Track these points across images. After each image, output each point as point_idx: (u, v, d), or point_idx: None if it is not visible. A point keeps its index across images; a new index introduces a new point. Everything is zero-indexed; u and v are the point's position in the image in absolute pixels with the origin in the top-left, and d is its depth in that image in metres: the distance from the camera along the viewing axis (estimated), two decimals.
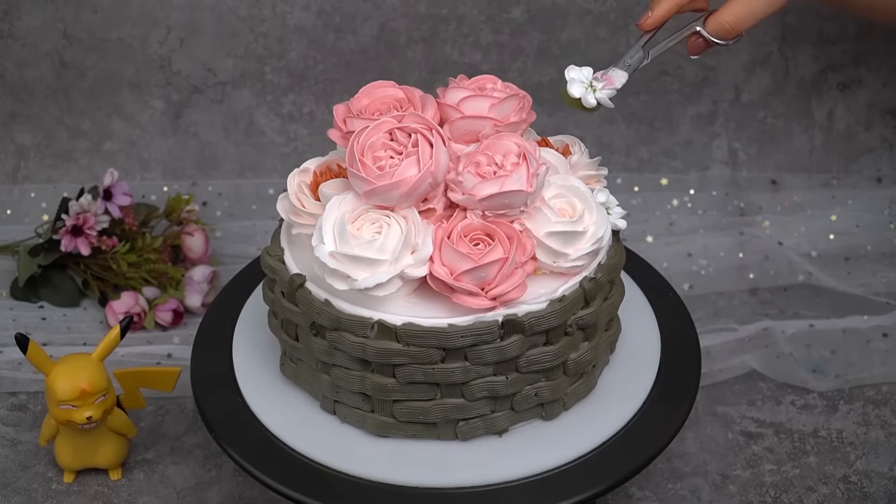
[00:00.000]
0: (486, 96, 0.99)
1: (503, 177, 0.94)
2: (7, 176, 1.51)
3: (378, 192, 0.94)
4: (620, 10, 1.45)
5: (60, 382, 1.08)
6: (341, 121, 1.00)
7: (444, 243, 0.94)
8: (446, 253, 0.93)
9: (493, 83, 1.02)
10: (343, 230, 0.93)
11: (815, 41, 1.46)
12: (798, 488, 1.15)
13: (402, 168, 0.93)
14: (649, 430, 1.01)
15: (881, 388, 1.26)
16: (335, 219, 0.94)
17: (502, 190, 0.94)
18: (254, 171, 1.52)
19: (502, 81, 1.03)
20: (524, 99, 1.01)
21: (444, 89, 1.02)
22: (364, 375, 0.97)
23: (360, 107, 1.00)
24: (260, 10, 1.45)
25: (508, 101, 1.00)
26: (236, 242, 1.46)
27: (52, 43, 1.46)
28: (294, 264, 0.99)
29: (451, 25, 1.45)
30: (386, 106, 1.00)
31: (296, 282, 0.97)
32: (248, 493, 1.15)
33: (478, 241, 0.94)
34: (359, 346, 0.95)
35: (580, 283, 0.96)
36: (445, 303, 0.94)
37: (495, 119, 0.99)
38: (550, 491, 0.96)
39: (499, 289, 0.93)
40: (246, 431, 1.02)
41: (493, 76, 1.03)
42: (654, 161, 1.51)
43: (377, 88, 1.01)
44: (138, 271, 1.36)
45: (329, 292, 0.96)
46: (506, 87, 1.02)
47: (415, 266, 0.94)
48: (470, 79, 1.03)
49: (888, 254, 1.43)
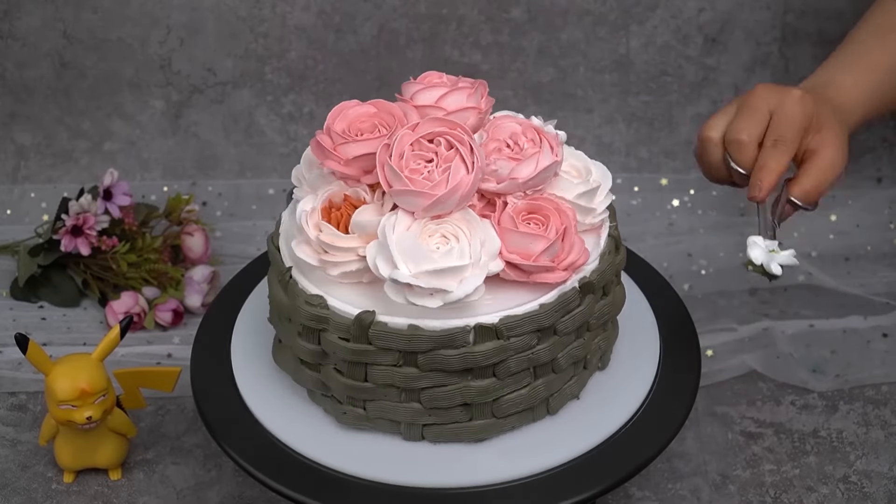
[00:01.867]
0: (460, 89, 1.00)
1: (534, 154, 0.96)
2: (7, 176, 1.51)
3: (440, 201, 0.92)
4: (620, 10, 1.45)
5: (60, 382, 1.08)
6: (334, 149, 0.96)
7: (505, 232, 0.94)
8: (512, 240, 0.94)
9: (439, 77, 1.03)
10: (416, 249, 0.91)
11: (815, 41, 1.46)
12: (798, 488, 1.15)
13: (453, 172, 0.93)
14: (649, 430, 1.01)
15: (881, 388, 1.26)
16: (399, 241, 0.92)
17: (539, 167, 0.96)
18: (254, 171, 1.52)
19: (447, 75, 1.03)
20: (483, 85, 1.02)
21: (407, 93, 1.01)
22: (466, 384, 0.96)
23: (341, 131, 0.97)
24: (260, 10, 1.45)
25: (478, 89, 1.01)
26: (236, 242, 1.46)
27: (52, 43, 1.46)
28: (346, 305, 0.96)
29: (451, 25, 1.45)
30: (367, 124, 0.97)
31: (365, 320, 0.94)
32: (248, 493, 1.15)
33: (531, 221, 0.95)
34: (460, 358, 0.94)
35: (609, 233, 1.02)
36: (506, 290, 0.95)
37: (477, 108, 1.00)
38: (550, 491, 0.96)
39: (570, 258, 0.95)
40: (246, 431, 1.02)
41: (436, 72, 1.03)
42: (654, 161, 1.51)
43: (347, 110, 0.98)
44: (138, 271, 1.36)
45: (408, 316, 0.94)
46: (458, 79, 1.03)
47: (491, 261, 0.94)
48: (418, 79, 1.03)
49: (888, 254, 1.43)
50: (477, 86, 1.01)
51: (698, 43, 1.47)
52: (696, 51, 1.47)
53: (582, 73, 1.48)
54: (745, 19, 1.45)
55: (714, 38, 1.46)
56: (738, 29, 1.46)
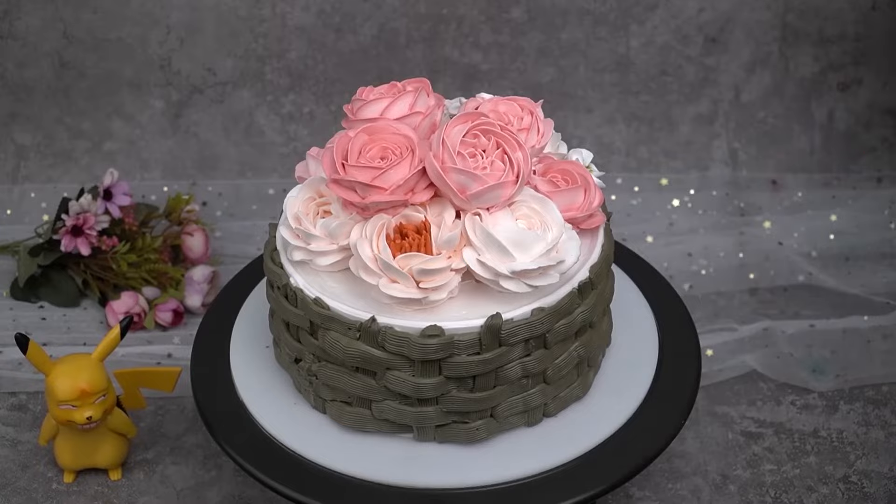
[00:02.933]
0: (402, 96, 1.00)
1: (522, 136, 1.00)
2: (7, 176, 1.51)
3: (515, 186, 0.95)
4: (620, 10, 1.45)
5: (60, 382, 1.08)
6: (372, 182, 0.94)
7: (552, 195, 0.98)
8: (559, 200, 0.98)
9: (375, 90, 1.02)
10: (524, 236, 0.94)
11: (815, 41, 1.46)
12: (798, 488, 1.15)
13: (511, 156, 0.95)
14: (649, 430, 1.01)
15: (881, 388, 1.26)
16: (507, 236, 0.94)
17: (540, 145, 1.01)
18: (254, 171, 1.52)
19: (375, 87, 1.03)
20: (425, 84, 1.02)
21: (352, 114, 1.01)
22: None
23: (368, 164, 0.95)
24: (260, 10, 1.45)
25: (420, 92, 1.01)
26: (236, 242, 1.46)
27: (52, 43, 1.46)
28: (464, 321, 0.95)
29: (451, 25, 1.45)
30: (376, 149, 0.96)
31: (495, 325, 0.94)
32: (248, 493, 1.15)
33: (559, 181, 1.00)
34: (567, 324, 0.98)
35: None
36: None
37: (422, 112, 1.00)
38: (550, 491, 0.96)
39: (596, 201, 1.00)
40: (246, 431, 1.02)
41: (370, 87, 1.02)
42: (654, 161, 1.51)
43: (341, 149, 0.96)
44: (138, 271, 1.36)
45: (529, 302, 0.95)
46: (396, 86, 1.02)
47: (564, 224, 0.98)
48: (355, 95, 1.02)
49: (888, 254, 1.43)
50: (419, 88, 1.00)
51: (698, 43, 1.47)
52: (696, 51, 1.47)
53: (582, 73, 1.48)
54: (745, 19, 1.45)
55: (714, 38, 1.46)
56: (738, 29, 1.46)
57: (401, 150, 0.96)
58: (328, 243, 0.97)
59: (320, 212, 0.99)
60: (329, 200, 0.99)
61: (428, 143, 0.97)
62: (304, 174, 1.03)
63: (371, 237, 0.95)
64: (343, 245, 0.96)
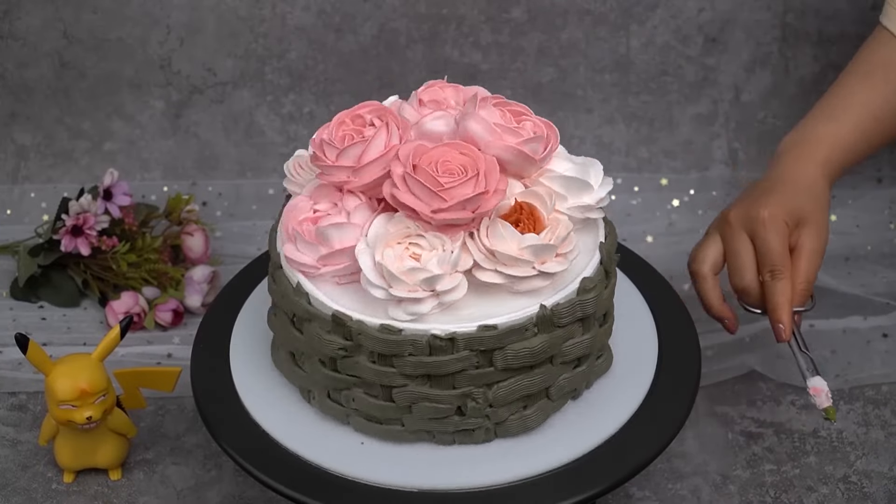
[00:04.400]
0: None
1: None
2: (7, 176, 1.51)
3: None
4: (620, 10, 1.45)
5: (60, 382, 1.08)
6: (441, 194, 0.94)
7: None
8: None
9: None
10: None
11: (815, 41, 1.46)
12: (798, 488, 1.15)
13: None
14: (649, 430, 1.01)
15: (881, 388, 1.26)
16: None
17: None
18: (254, 171, 1.52)
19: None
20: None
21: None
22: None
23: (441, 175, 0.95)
24: (260, 10, 1.45)
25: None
26: (236, 242, 1.46)
27: (52, 43, 1.46)
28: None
29: (451, 25, 1.45)
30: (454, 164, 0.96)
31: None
32: (248, 493, 1.15)
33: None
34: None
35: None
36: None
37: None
38: (550, 491, 0.96)
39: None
40: (246, 432, 1.02)
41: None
42: (654, 161, 1.51)
43: (426, 155, 0.96)
44: (138, 271, 1.36)
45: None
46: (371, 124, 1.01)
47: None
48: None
49: (888, 254, 1.43)
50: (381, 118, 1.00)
51: (698, 43, 1.47)
52: (696, 51, 1.47)
53: (582, 73, 1.48)
54: (745, 19, 1.45)
55: (714, 38, 1.46)
56: (738, 29, 1.46)
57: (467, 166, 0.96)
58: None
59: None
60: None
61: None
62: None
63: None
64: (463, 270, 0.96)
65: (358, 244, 0.95)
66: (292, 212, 0.99)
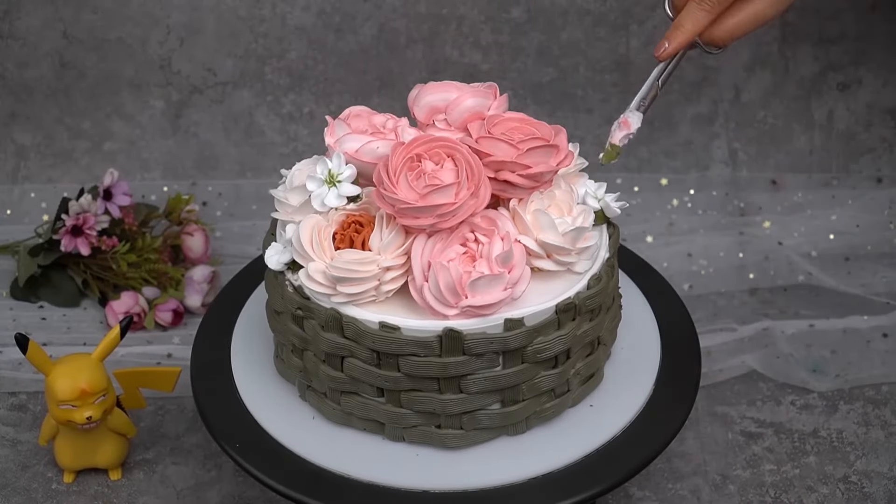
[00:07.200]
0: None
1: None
2: (7, 176, 1.51)
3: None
4: (620, 10, 1.45)
5: (60, 382, 1.08)
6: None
7: None
8: None
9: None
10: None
11: (815, 41, 1.46)
12: (798, 488, 1.15)
13: None
14: (649, 431, 1.01)
15: (881, 388, 1.26)
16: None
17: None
18: (254, 171, 1.52)
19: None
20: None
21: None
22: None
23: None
24: (260, 10, 1.45)
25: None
26: (236, 242, 1.46)
27: (52, 43, 1.46)
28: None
29: (451, 25, 1.45)
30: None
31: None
32: (248, 493, 1.15)
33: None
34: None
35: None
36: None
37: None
38: (550, 491, 0.96)
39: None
40: (246, 432, 1.01)
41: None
42: (654, 161, 1.51)
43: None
44: (138, 271, 1.36)
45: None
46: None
47: None
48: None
49: (888, 254, 1.43)
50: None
51: None
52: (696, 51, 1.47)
53: (582, 73, 1.48)
54: None
55: None
56: None
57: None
58: None
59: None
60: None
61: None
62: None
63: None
64: None
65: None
66: None
